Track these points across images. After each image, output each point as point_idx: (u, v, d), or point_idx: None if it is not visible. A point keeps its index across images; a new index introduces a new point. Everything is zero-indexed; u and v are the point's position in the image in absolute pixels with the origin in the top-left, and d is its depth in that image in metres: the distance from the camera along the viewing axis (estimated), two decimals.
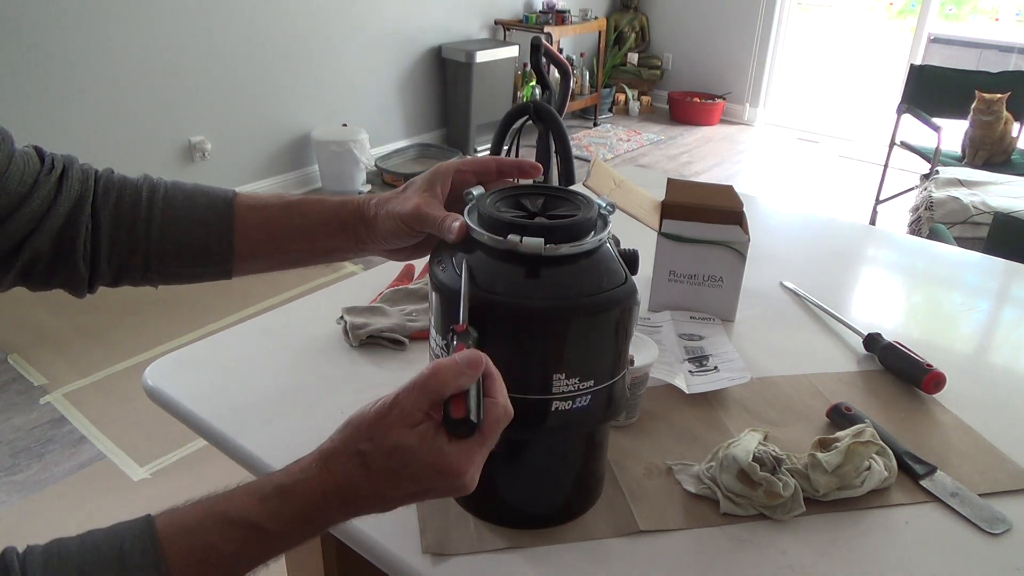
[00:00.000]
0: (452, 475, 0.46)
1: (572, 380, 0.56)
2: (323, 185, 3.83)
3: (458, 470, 0.46)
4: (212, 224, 0.65)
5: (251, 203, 0.67)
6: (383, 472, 0.46)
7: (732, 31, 5.26)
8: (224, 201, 0.66)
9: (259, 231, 0.66)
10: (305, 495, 0.46)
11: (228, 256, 0.66)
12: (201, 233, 0.65)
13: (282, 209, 0.67)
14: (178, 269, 0.66)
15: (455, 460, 0.46)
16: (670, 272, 0.99)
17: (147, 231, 0.64)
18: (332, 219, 0.66)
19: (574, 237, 0.56)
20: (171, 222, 0.64)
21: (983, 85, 3.18)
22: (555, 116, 1.07)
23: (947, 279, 1.23)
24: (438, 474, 0.46)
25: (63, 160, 0.63)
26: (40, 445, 2.04)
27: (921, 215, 2.56)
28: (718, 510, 0.67)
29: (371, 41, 3.97)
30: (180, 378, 0.84)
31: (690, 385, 0.82)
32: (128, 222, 0.63)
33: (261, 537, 0.45)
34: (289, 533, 0.46)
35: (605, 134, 5.03)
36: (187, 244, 0.65)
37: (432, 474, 0.46)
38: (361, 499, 0.46)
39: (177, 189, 0.66)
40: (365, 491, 0.46)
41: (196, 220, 0.65)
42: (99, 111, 2.97)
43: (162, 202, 0.64)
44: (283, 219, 0.66)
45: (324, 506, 0.46)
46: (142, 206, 0.64)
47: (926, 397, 0.85)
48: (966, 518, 0.68)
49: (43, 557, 0.41)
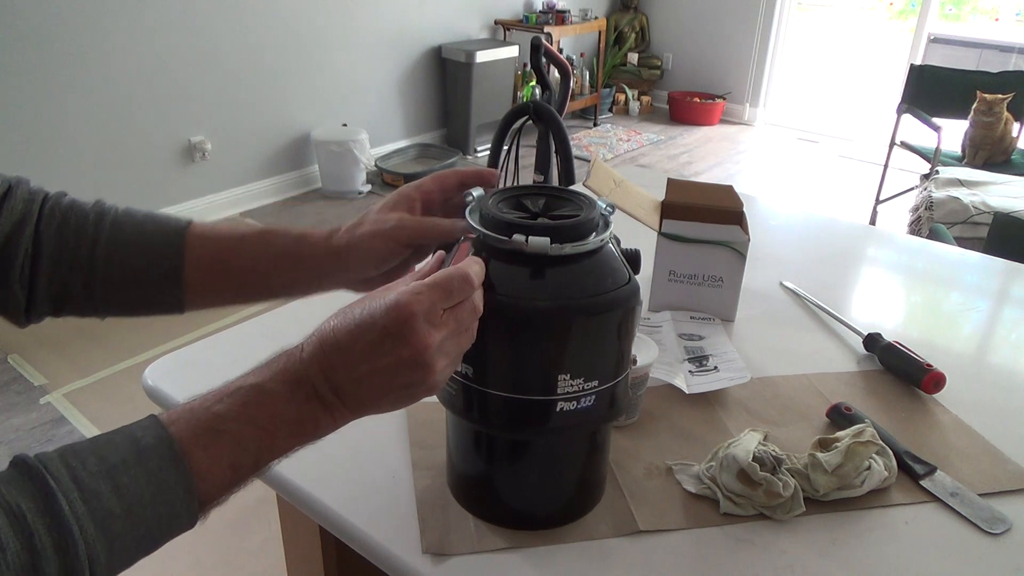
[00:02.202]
0: (402, 309, 0.46)
1: (577, 380, 0.56)
2: (323, 185, 3.83)
3: (409, 303, 0.47)
4: (161, 254, 0.62)
5: (205, 234, 0.63)
6: (346, 318, 0.48)
7: (732, 31, 5.26)
8: (176, 231, 0.63)
9: (212, 263, 0.63)
10: (288, 355, 0.49)
11: (178, 288, 0.63)
12: (148, 262, 0.62)
13: (236, 241, 0.63)
14: (124, 298, 0.63)
15: (402, 298, 0.47)
16: (670, 272, 0.99)
17: (91, 256, 0.61)
18: (290, 255, 0.63)
19: (579, 237, 0.56)
20: (117, 248, 0.61)
21: (983, 85, 3.18)
22: (555, 116, 1.07)
23: (947, 279, 1.23)
24: (388, 309, 0.47)
25: (9, 181, 0.60)
26: (40, 445, 2.04)
27: (921, 215, 2.56)
28: (718, 510, 0.67)
29: (371, 41, 3.97)
30: (180, 378, 0.84)
31: (690, 385, 0.82)
32: (71, 246, 0.60)
33: (258, 394, 0.47)
34: (281, 392, 0.47)
35: (605, 134, 5.03)
36: (133, 273, 0.62)
37: (384, 310, 0.47)
38: (330, 351, 0.47)
39: (128, 216, 0.63)
40: (331, 341, 0.48)
41: (144, 248, 0.62)
42: (99, 111, 2.97)
43: (109, 227, 0.62)
44: (236, 252, 0.63)
45: (303, 361, 0.48)
46: (87, 230, 0.61)
47: (926, 397, 0.85)
48: (966, 518, 0.68)
49: (57, 451, 0.42)
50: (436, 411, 0.65)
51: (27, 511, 0.38)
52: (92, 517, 0.40)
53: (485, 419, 0.59)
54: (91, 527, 0.40)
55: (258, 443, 0.47)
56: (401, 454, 0.73)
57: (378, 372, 0.47)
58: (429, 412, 0.76)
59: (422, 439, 0.75)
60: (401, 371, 0.48)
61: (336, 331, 0.48)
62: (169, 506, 0.43)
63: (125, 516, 0.42)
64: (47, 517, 0.39)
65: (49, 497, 0.39)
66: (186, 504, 0.44)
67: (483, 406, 0.58)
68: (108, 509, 0.41)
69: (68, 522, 0.39)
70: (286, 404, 0.47)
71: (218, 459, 0.45)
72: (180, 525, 0.45)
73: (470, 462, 0.65)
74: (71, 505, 0.40)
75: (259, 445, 0.47)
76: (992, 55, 5.55)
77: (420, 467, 0.71)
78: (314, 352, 0.48)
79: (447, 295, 0.48)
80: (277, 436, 0.47)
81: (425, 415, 0.77)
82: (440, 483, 0.69)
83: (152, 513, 0.43)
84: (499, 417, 0.58)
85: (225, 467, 0.45)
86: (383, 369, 0.47)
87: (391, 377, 0.48)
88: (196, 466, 0.44)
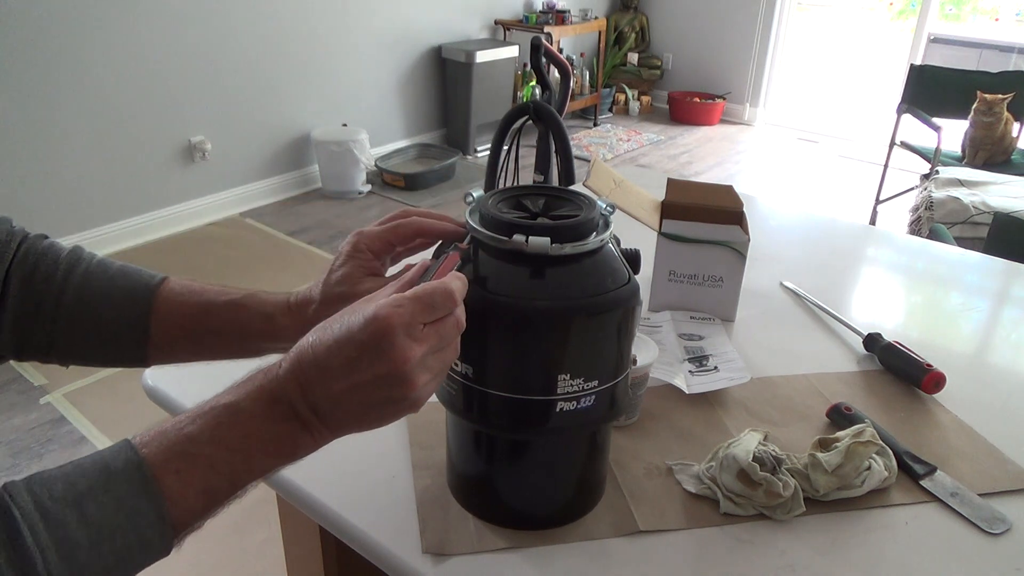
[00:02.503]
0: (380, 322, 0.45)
1: (577, 380, 0.56)
2: (323, 185, 3.83)
3: (388, 316, 0.45)
4: (126, 313, 0.61)
5: (173, 299, 0.62)
6: (323, 333, 0.47)
7: (732, 31, 5.26)
8: (146, 288, 0.62)
9: (177, 328, 0.62)
10: (266, 373, 0.47)
11: (142, 346, 0.62)
12: (112, 320, 0.61)
13: (204, 311, 0.62)
14: (85, 352, 0.62)
15: (381, 311, 0.45)
16: (670, 272, 0.99)
17: (54, 312, 0.60)
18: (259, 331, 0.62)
19: (579, 237, 0.56)
20: (82, 306, 0.60)
21: (983, 85, 3.17)
22: (555, 116, 1.07)
23: (947, 279, 1.23)
24: (366, 323, 0.45)
25: None
26: (40, 445, 2.04)
27: (921, 215, 2.56)
28: (718, 510, 0.67)
29: (371, 41, 3.97)
30: (180, 378, 0.83)
31: (690, 385, 0.82)
32: (36, 299, 0.59)
33: (232, 415, 0.45)
34: (257, 411, 0.45)
35: (605, 134, 5.03)
36: (97, 332, 0.61)
37: (361, 323, 0.45)
38: (307, 368, 0.46)
39: (100, 268, 0.62)
40: (308, 358, 0.46)
41: (110, 306, 0.61)
42: (99, 111, 2.97)
43: (78, 280, 0.60)
44: (203, 322, 0.62)
45: (280, 379, 0.46)
46: (55, 282, 0.60)
47: (926, 397, 0.85)
48: (966, 518, 0.68)
49: (24, 480, 0.41)
50: (436, 411, 0.65)
51: None
52: (57, 548, 0.39)
53: (485, 419, 0.59)
54: (55, 558, 0.39)
55: (232, 465, 0.45)
56: (401, 454, 0.73)
57: (357, 388, 0.46)
58: (429, 412, 0.75)
59: (422, 439, 0.75)
60: (380, 387, 0.46)
61: (314, 347, 0.46)
62: (139, 534, 0.42)
63: (91, 546, 0.40)
64: (8, 549, 0.38)
65: (11, 527, 0.38)
66: (158, 531, 0.43)
67: (483, 406, 0.58)
68: (74, 539, 0.40)
69: (31, 553, 0.38)
70: (261, 423, 0.46)
71: (191, 483, 0.44)
72: (152, 553, 0.43)
73: (470, 462, 0.65)
74: (35, 535, 0.39)
75: (234, 468, 0.45)
76: (992, 55, 5.55)
77: (420, 467, 0.71)
78: (291, 369, 0.46)
79: (428, 309, 0.47)
80: (253, 457, 0.46)
81: (425, 415, 0.77)
82: (440, 483, 0.69)
83: (121, 541, 0.41)
84: (499, 417, 0.58)
85: (199, 491, 0.44)
86: (362, 385, 0.45)
87: (370, 393, 0.46)
88: (168, 491, 0.43)
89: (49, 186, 2.89)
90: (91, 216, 3.05)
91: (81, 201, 3.01)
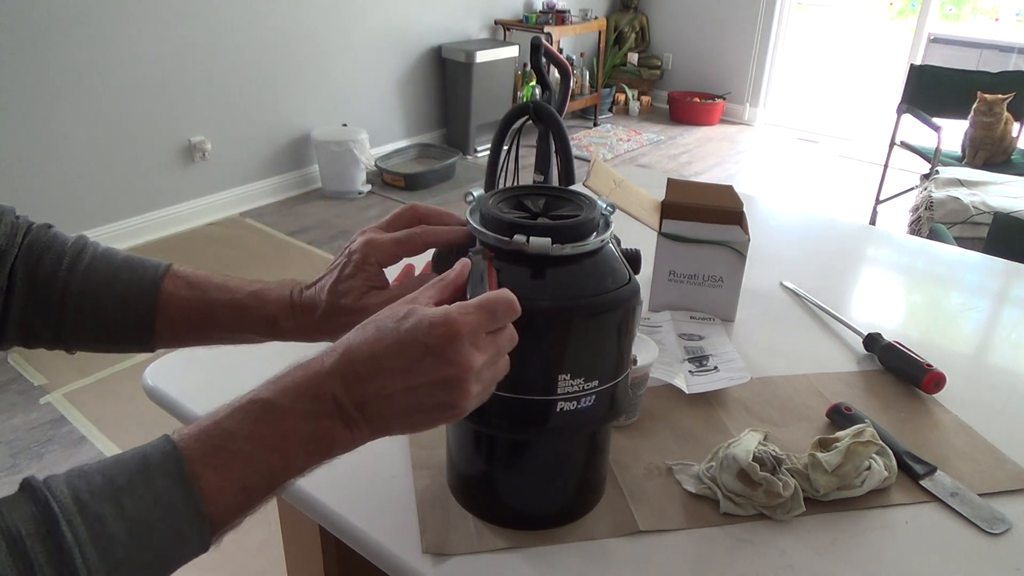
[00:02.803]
0: (448, 327, 0.45)
1: (577, 380, 0.56)
2: (323, 185, 3.84)
3: (456, 321, 0.45)
4: (132, 305, 0.61)
5: (177, 291, 0.62)
6: (380, 332, 0.46)
7: (732, 31, 5.26)
8: (151, 282, 0.62)
9: (182, 321, 0.62)
10: (308, 367, 0.47)
11: (148, 336, 0.62)
12: (118, 315, 0.61)
13: (207, 308, 0.62)
14: (92, 343, 0.62)
15: (451, 315, 0.45)
16: (670, 272, 0.99)
17: (60, 301, 0.60)
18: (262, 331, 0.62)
19: (580, 237, 0.56)
20: (87, 297, 0.60)
21: (983, 85, 3.17)
22: (555, 116, 1.07)
23: (947, 279, 1.23)
24: (434, 326, 0.45)
25: None
26: (40, 445, 2.04)
27: (921, 215, 2.56)
28: (718, 510, 0.67)
29: (371, 41, 3.97)
30: (180, 378, 0.84)
31: (690, 385, 0.82)
32: (42, 289, 0.60)
33: (271, 411, 0.45)
34: (297, 408, 0.45)
35: (605, 134, 5.03)
36: (102, 320, 0.61)
37: (428, 326, 0.45)
38: (359, 364, 0.46)
39: (104, 260, 0.62)
40: (363, 354, 0.46)
41: (115, 298, 0.61)
42: (99, 111, 2.97)
43: (83, 273, 0.61)
44: (207, 316, 0.62)
45: (325, 374, 0.46)
46: (60, 273, 0.60)
47: (926, 397, 0.85)
48: (966, 518, 0.68)
49: (64, 474, 0.41)
50: None
51: (27, 536, 0.37)
52: (95, 543, 0.39)
53: (485, 419, 0.59)
54: (93, 553, 0.39)
55: (271, 463, 0.45)
56: (401, 454, 0.73)
57: (413, 389, 0.46)
58: None
59: (422, 439, 0.75)
60: (437, 391, 0.46)
61: (368, 344, 0.46)
62: (176, 529, 0.42)
63: (129, 541, 0.40)
64: (48, 542, 0.38)
65: (51, 521, 0.38)
66: (196, 527, 0.42)
67: (483, 406, 0.58)
68: (111, 534, 0.40)
69: (70, 548, 0.38)
70: (301, 421, 0.45)
71: (229, 480, 0.44)
72: (190, 550, 0.43)
73: (470, 462, 0.65)
74: (73, 530, 0.39)
75: (272, 466, 0.45)
76: (992, 55, 5.55)
77: (420, 467, 0.71)
78: (338, 366, 0.46)
79: (492, 318, 0.47)
80: (291, 455, 0.46)
81: None
82: (440, 483, 0.69)
83: (158, 537, 0.41)
84: (499, 417, 0.58)
85: (236, 488, 0.44)
86: (419, 387, 0.46)
87: (424, 396, 0.46)
88: (206, 487, 0.43)
89: (49, 186, 2.89)
90: (91, 216, 3.05)
91: (81, 201, 3.01)
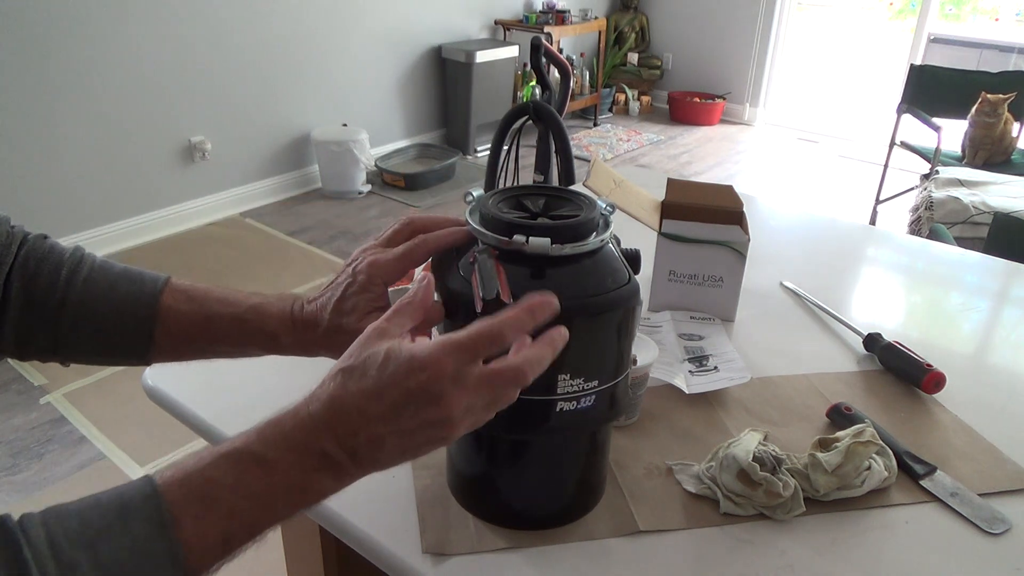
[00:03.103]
0: (429, 370, 0.44)
1: (577, 380, 0.56)
2: (323, 185, 3.84)
3: (437, 363, 0.44)
4: (130, 318, 0.60)
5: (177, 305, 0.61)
6: (362, 380, 0.45)
7: (732, 31, 5.26)
8: (150, 295, 0.61)
9: (180, 336, 0.62)
10: (295, 418, 0.46)
11: (145, 348, 0.62)
12: (116, 325, 0.60)
13: (204, 320, 0.61)
14: (89, 355, 0.62)
15: (432, 352, 0.45)
16: (670, 272, 0.99)
17: (57, 314, 0.59)
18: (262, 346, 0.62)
19: (579, 237, 0.56)
20: (86, 308, 0.60)
21: (983, 85, 3.17)
22: (555, 116, 1.07)
23: (947, 279, 1.23)
24: (413, 370, 0.44)
25: None
26: (40, 445, 2.04)
27: (921, 215, 2.56)
28: (718, 510, 0.67)
29: (371, 41, 3.97)
30: (180, 378, 0.83)
31: (690, 385, 0.82)
32: (39, 301, 0.59)
33: (257, 464, 0.44)
34: (285, 462, 0.44)
35: (605, 134, 5.03)
36: (100, 334, 0.61)
37: (407, 371, 0.44)
38: (345, 416, 0.45)
39: (102, 271, 0.61)
40: (348, 405, 0.45)
41: (114, 310, 0.60)
42: (99, 111, 2.97)
43: (81, 284, 0.60)
44: (207, 330, 0.61)
45: (312, 428, 0.45)
46: (58, 285, 0.59)
47: (926, 397, 0.85)
48: (966, 518, 0.68)
49: (40, 514, 0.40)
50: None
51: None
52: None
53: None
54: None
55: (254, 514, 0.44)
56: None
57: (401, 432, 0.45)
58: None
59: None
60: (425, 430, 0.46)
61: (352, 395, 0.45)
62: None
63: None
64: None
65: (23, 567, 0.37)
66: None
67: None
68: None
69: None
70: (287, 474, 0.45)
71: (209, 529, 0.43)
72: None
73: (470, 462, 0.65)
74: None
75: (255, 516, 0.44)
76: (992, 55, 5.55)
77: (420, 467, 0.71)
78: (326, 417, 0.45)
79: (473, 355, 0.46)
80: (276, 507, 0.45)
81: None
82: (440, 483, 0.69)
83: None
84: (499, 417, 0.58)
85: (216, 538, 0.43)
86: (405, 430, 0.45)
87: (413, 436, 0.46)
88: (185, 536, 0.42)
89: (49, 186, 2.89)
90: (91, 216, 3.05)
91: (81, 201, 3.01)
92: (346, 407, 0.45)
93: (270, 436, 0.45)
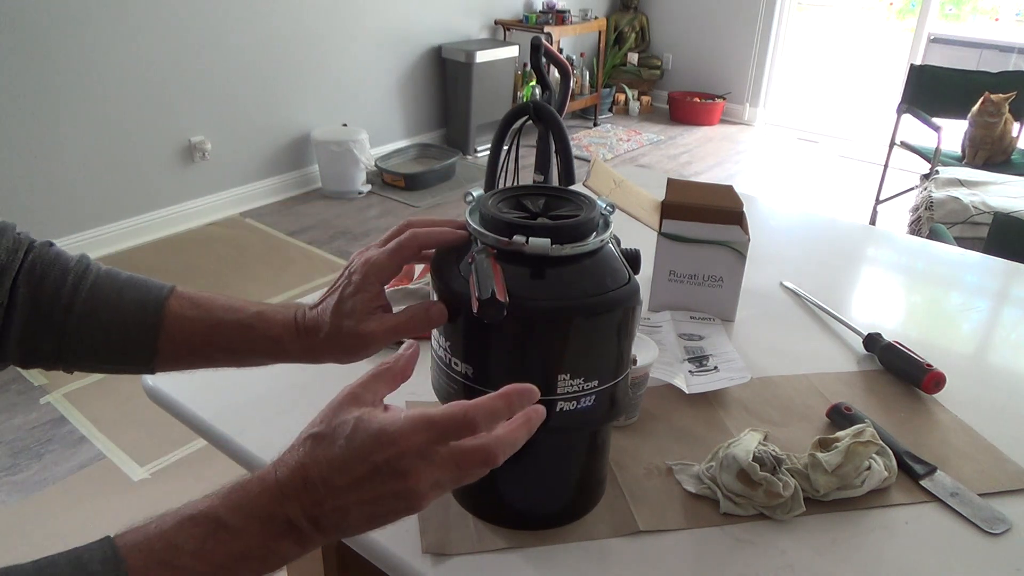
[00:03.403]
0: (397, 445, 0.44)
1: (577, 380, 0.56)
2: (323, 185, 3.84)
3: (405, 438, 0.44)
4: (135, 328, 0.61)
5: (182, 312, 0.62)
6: (330, 449, 0.45)
7: (732, 31, 5.26)
8: (155, 303, 0.61)
9: (185, 344, 0.62)
10: (261, 483, 0.45)
11: (150, 356, 0.62)
12: (121, 333, 0.61)
13: (210, 327, 0.62)
14: (94, 362, 0.62)
15: (401, 427, 0.45)
16: (670, 272, 0.99)
17: (63, 322, 0.59)
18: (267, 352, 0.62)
19: (579, 237, 0.56)
20: (92, 317, 0.60)
21: (983, 85, 3.18)
22: (555, 116, 1.07)
23: (947, 279, 1.23)
24: (381, 444, 0.44)
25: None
26: (40, 445, 2.05)
27: (921, 215, 2.56)
28: (718, 510, 0.67)
29: (371, 41, 3.97)
30: (180, 378, 0.83)
31: (690, 385, 0.82)
32: (44, 309, 0.59)
33: (220, 531, 0.43)
34: (249, 529, 0.44)
35: (605, 134, 5.03)
36: (105, 343, 0.61)
37: (375, 444, 0.45)
38: (311, 486, 0.45)
39: (108, 280, 0.61)
40: (314, 476, 0.45)
41: (119, 320, 0.60)
42: (99, 111, 2.97)
43: (87, 291, 0.60)
44: (212, 338, 0.62)
45: (278, 496, 0.45)
46: (64, 293, 0.59)
47: (926, 397, 0.85)
48: (966, 518, 0.68)
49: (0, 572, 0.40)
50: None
51: None
52: None
53: None
54: None
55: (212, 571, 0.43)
56: None
57: (366, 503, 0.45)
58: None
59: None
60: (390, 501, 0.46)
61: (318, 465, 0.45)
62: None
63: None
64: None
65: None
66: None
67: None
68: None
69: None
70: (250, 541, 0.44)
71: None
72: None
73: None
74: None
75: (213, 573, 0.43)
76: (992, 55, 5.55)
77: None
78: (292, 486, 0.45)
79: (442, 437, 0.46)
80: (238, 574, 0.44)
81: None
82: None
83: None
84: None
85: None
86: (370, 500, 0.45)
87: (379, 507, 0.46)
88: None
89: (49, 186, 2.89)
90: (91, 216, 3.05)
91: (81, 201, 3.01)
92: (311, 477, 0.45)
93: (236, 501, 0.45)
